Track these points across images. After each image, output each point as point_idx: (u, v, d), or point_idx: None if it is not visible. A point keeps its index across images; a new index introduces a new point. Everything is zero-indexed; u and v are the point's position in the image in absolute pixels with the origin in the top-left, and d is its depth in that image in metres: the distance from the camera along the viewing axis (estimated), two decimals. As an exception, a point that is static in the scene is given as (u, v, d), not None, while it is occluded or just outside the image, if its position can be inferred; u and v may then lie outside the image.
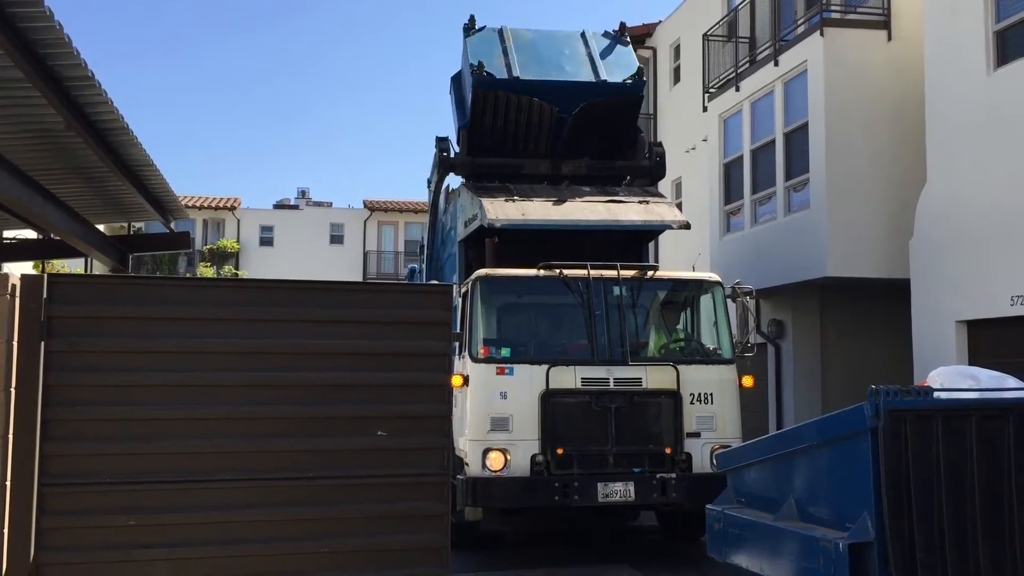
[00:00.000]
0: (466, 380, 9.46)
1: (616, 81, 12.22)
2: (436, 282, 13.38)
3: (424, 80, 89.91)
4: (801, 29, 14.90)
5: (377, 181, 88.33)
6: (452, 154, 12.70)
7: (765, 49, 15.69)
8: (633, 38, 13.60)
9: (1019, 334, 10.75)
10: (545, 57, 12.40)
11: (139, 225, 18.63)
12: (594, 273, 9.91)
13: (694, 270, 12.35)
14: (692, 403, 9.66)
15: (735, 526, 7.03)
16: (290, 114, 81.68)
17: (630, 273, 10.14)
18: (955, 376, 6.48)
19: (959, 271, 11.63)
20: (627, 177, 12.93)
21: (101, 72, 7.11)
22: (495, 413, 9.38)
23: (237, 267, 39.16)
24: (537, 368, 9.46)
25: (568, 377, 9.47)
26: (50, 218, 9.45)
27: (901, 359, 12.83)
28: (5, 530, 4.82)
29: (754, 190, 15.87)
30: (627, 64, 12.58)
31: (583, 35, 12.96)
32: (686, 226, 11.38)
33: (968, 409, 5.63)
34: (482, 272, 10.03)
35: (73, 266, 21.51)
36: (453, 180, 13.58)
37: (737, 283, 10.56)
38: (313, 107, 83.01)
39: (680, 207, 18.62)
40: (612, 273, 9.99)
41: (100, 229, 12.16)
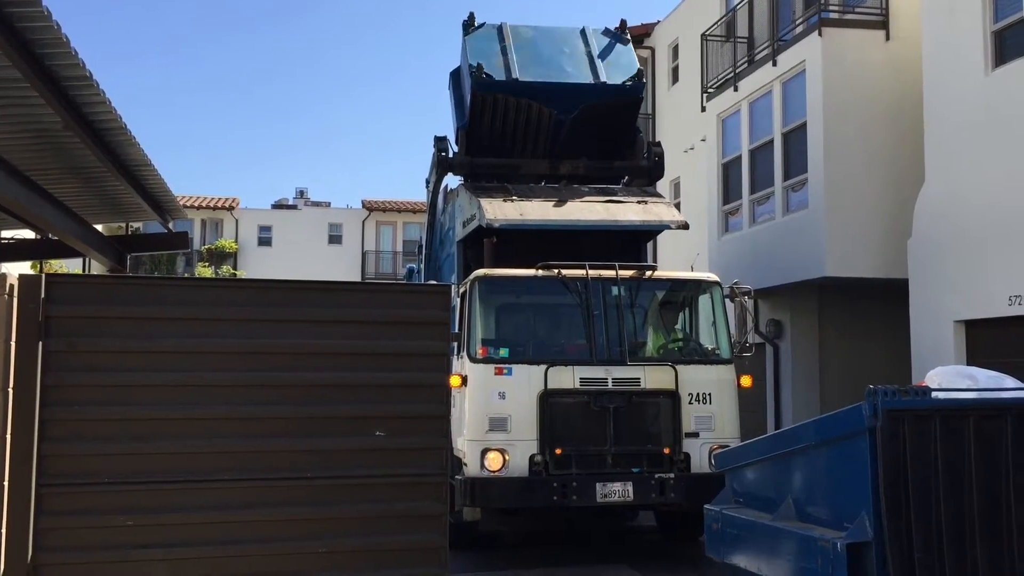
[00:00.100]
0: (464, 380, 9.46)
1: (615, 83, 12.20)
2: (434, 282, 13.37)
3: (422, 80, 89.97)
4: (799, 29, 14.90)
5: (375, 181, 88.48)
6: (450, 154, 12.68)
7: (763, 49, 15.70)
8: (632, 38, 13.56)
9: (1017, 334, 10.76)
10: (545, 56, 12.38)
11: (137, 225, 18.62)
12: (592, 273, 9.91)
13: (692, 270, 12.36)
14: (690, 403, 9.67)
15: (733, 526, 7.04)
16: (288, 114, 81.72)
17: (629, 273, 10.14)
18: (953, 376, 6.49)
19: (957, 271, 11.64)
20: (625, 177, 12.94)
21: (99, 72, 7.10)
22: (493, 413, 9.38)
23: (235, 267, 39.13)
24: (535, 368, 9.46)
25: (566, 377, 9.48)
26: (48, 218, 9.44)
27: (899, 359, 12.84)
28: (3, 530, 4.82)
29: (752, 190, 15.87)
30: (627, 64, 12.56)
31: (583, 32, 12.91)
32: (684, 226, 11.38)
33: (966, 409, 5.64)
34: (480, 272, 10.03)
35: (71, 266, 21.50)
36: (451, 180, 13.58)
37: (735, 283, 10.56)
38: (311, 107, 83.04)
39: (679, 207, 18.60)
40: (611, 273, 9.98)
41: (98, 229, 12.14)
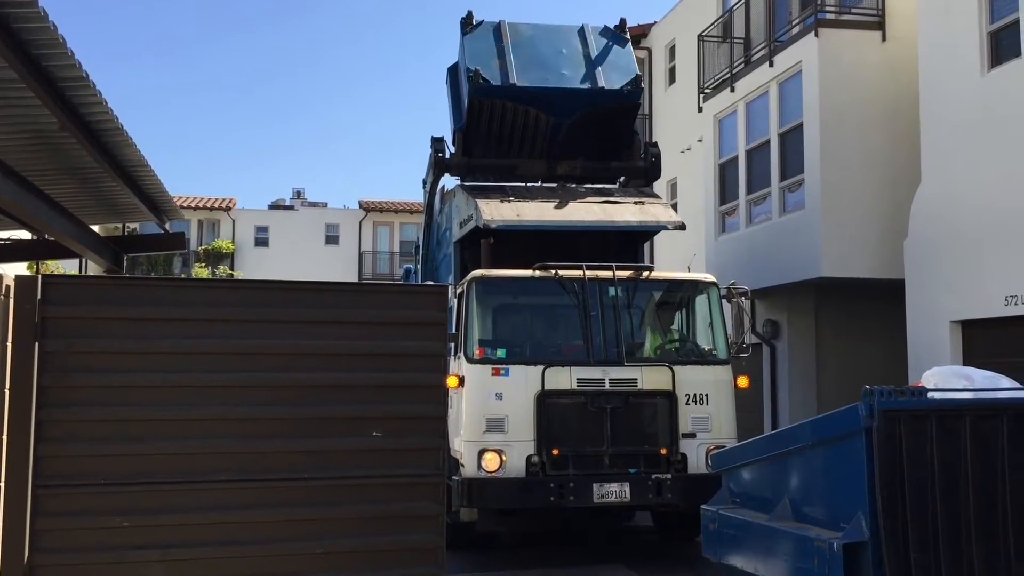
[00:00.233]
0: (461, 381, 9.47)
1: (613, 88, 12.13)
2: (431, 283, 13.36)
3: (420, 80, 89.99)
4: (796, 30, 14.93)
5: (372, 181, 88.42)
6: (447, 155, 12.68)
7: (760, 50, 15.71)
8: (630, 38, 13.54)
9: (1013, 334, 10.78)
10: (543, 58, 12.33)
11: (134, 226, 18.58)
12: (589, 274, 9.92)
13: (689, 271, 12.35)
14: (687, 404, 9.67)
15: (730, 526, 7.05)
16: (285, 115, 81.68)
17: (626, 274, 10.15)
18: (949, 376, 6.50)
19: (953, 271, 11.66)
20: (622, 178, 12.94)
21: (96, 72, 7.10)
22: (491, 414, 9.38)
23: (232, 268, 39.09)
24: (533, 369, 9.47)
25: (564, 378, 9.48)
26: (44, 219, 9.43)
27: (896, 359, 12.86)
28: (-1, 532, 4.82)
29: (749, 190, 15.89)
30: (626, 67, 12.49)
31: (582, 32, 12.81)
32: (681, 227, 11.38)
33: (962, 409, 5.65)
34: (477, 273, 10.03)
35: (68, 267, 21.47)
36: (448, 181, 13.57)
37: (732, 284, 10.57)
38: (308, 107, 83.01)
39: (675, 208, 18.63)
40: (608, 274, 9.99)
41: (95, 230, 12.12)
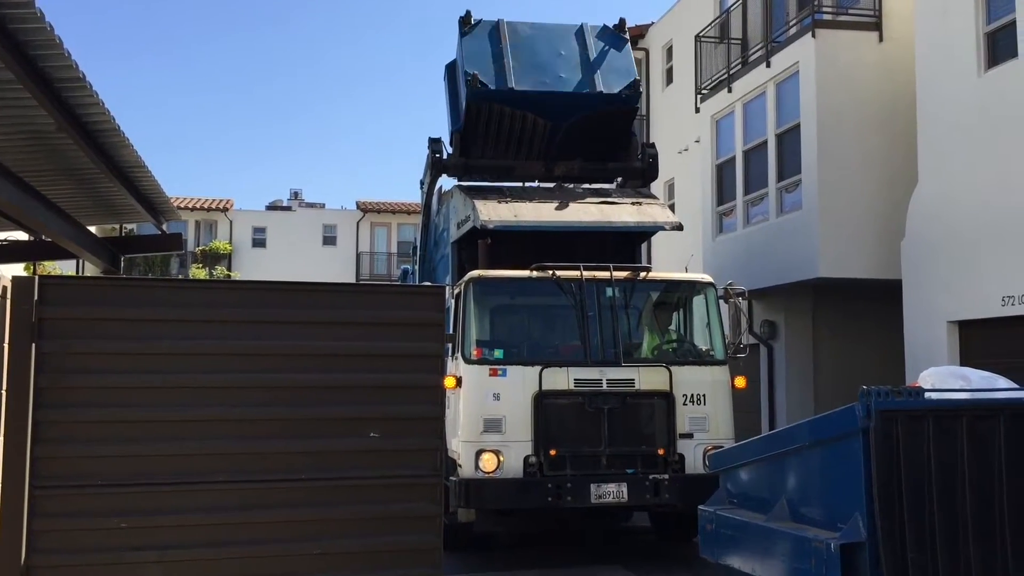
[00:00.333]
0: (459, 381, 9.47)
1: (611, 92, 12.08)
2: (429, 283, 13.36)
3: (417, 81, 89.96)
4: (793, 30, 14.93)
5: (370, 182, 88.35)
6: (445, 155, 12.68)
7: (757, 50, 15.72)
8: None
9: (1010, 334, 10.80)
10: (541, 60, 12.29)
11: (131, 226, 18.56)
12: (587, 274, 9.92)
13: (687, 271, 12.36)
14: (685, 404, 9.68)
15: (727, 527, 7.05)
16: (283, 115, 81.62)
17: (623, 274, 10.15)
18: (946, 376, 6.50)
19: (950, 271, 11.67)
20: (620, 178, 12.94)
21: (92, 73, 7.10)
22: (488, 414, 9.38)
23: (229, 268, 39.07)
24: (530, 369, 9.46)
25: (561, 378, 9.48)
26: (41, 220, 9.41)
27: (893, 359, 12.87)
28: (-4, 533, 4.81)
29: (746, 191, 15.90)
30: (625, 70, 12.43)
31: (581, 32, 12.75)
32: (679, 227, 11.39)
33: (959, 409, 5.65)
34: (475, 273, 10.03)
35: (65, 268, 21.45)
36: (446, 181, 13.56)
37: (730, 284, 10.57)
38: (306, 108, 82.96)
39: (673, 208, 18.61)
40: (605, 274, 9.99)
41: (92, 231, 12.10)
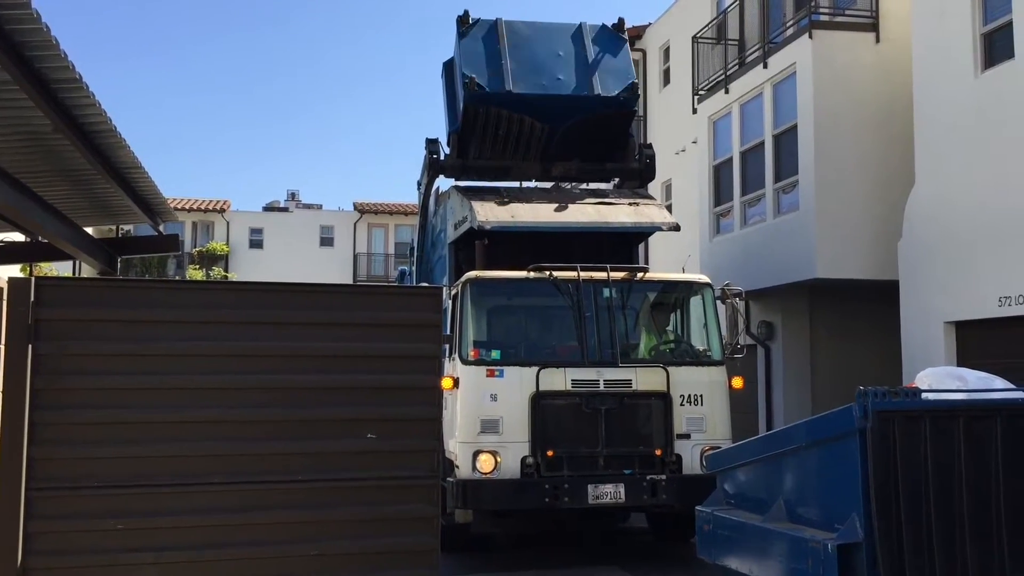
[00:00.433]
0: (456, 382, 9.46)
1: (609, 95, 12.04)
2: (426, 284, 13.36)
3: (415, 82, 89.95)
4: (790, 31, 14.94)
5: (367, 183, 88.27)
6: (442, 156, 12.67)
7: (754, 51, 15.73)
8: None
9: (1007, 335, 10.81)
10: (539, 61, 12.25)
11: (128, 228, 18.54)
12: (584, 275, 9.92)
13: (684, 272, 12.37)
14: (682, 404, 9.68)
15: (724, 527, 7.05)
16: (280, 116, 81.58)
17: (620, 275, 10.15)
18: (943, 377, 6.51)
19: (947, 272, 11.68)
20: (617, 179, 12.93)
21: (89, 74, 7.09)
22: (485, 415, 9.38)
23: (226, 269, 39.04)
24: (527, 370, 9.46)
25: (558, 379, 9.48)
26: (38, 221, 9.40)
27: (890, 360, 12.88)
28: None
29: (743, 192, 15.91)
30: (623, 72, 12.39)
31: (580, 32, 12.68)
32: (676, 228, 11.39)
33: (956, 410, 5.66)
34: (472, 274, 10.02)
35: (61, 269, 21.41)
36: (443, 182, 13.56)
37: (727, 285, 10.57)
38: (303, 109, 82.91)
39: (670, 209, 18.63)
40: (602, 275, 9.99)
41: (88, 232, 12.08)
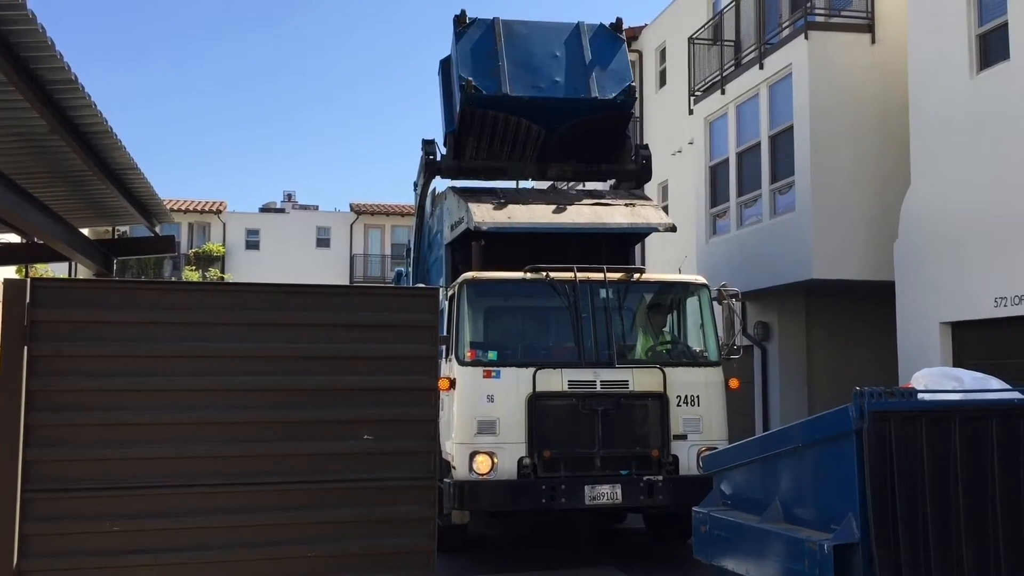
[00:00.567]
0: (452, 383, 9.46)
1: (607, 98, 12.04)
2: (423, 285, 13.35)
3: (411, 83, 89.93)
4: (786, 32, 14.96)
5: (363, 184, 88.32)
6: (438, 157, 12.67)
7: (750, 52, 15.75)
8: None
9: (1003, 336, 10.83)
10: (536, 62, 12.23)
11: (124, 229, 18.54)
12: (580, 276, 9.92)
13: (680, 272, 12.38)
14: (679, 405, 9.68)
15: (721, 528, 7.06)
16: (276, 117, 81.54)
17: (616, 276, 10.15)
18: (939, 378, 6.52)
19: (943, 273, 11.70)
20: (613, 180, 12.93)
21: (85, 75, 7.09)
22: (482, 416, 9.37)
23: (223, 271, 39.02)
24: (524, 371, 9.46)
25: (555, 380, 9.48)
26: (34, 222, 9.38)
27: (886, 361, 12.90)
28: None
29: (740, 193, 15.92)
30: (620, 73, 12.38)
31: (578, 32, 12.65)
32: (672, 228, 11.40)
33: (952, 410, 5.67)
34: (468, 275, 10.02)
35: (57, 270, 21.38)
36: (440, 183, 13.56)
37: (723, 285, 10.57)
38: (299, 110, 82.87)
39: (666, 210, 18.65)
40: (599, 276, 10.00)
41: (84, 233, 12.07)
